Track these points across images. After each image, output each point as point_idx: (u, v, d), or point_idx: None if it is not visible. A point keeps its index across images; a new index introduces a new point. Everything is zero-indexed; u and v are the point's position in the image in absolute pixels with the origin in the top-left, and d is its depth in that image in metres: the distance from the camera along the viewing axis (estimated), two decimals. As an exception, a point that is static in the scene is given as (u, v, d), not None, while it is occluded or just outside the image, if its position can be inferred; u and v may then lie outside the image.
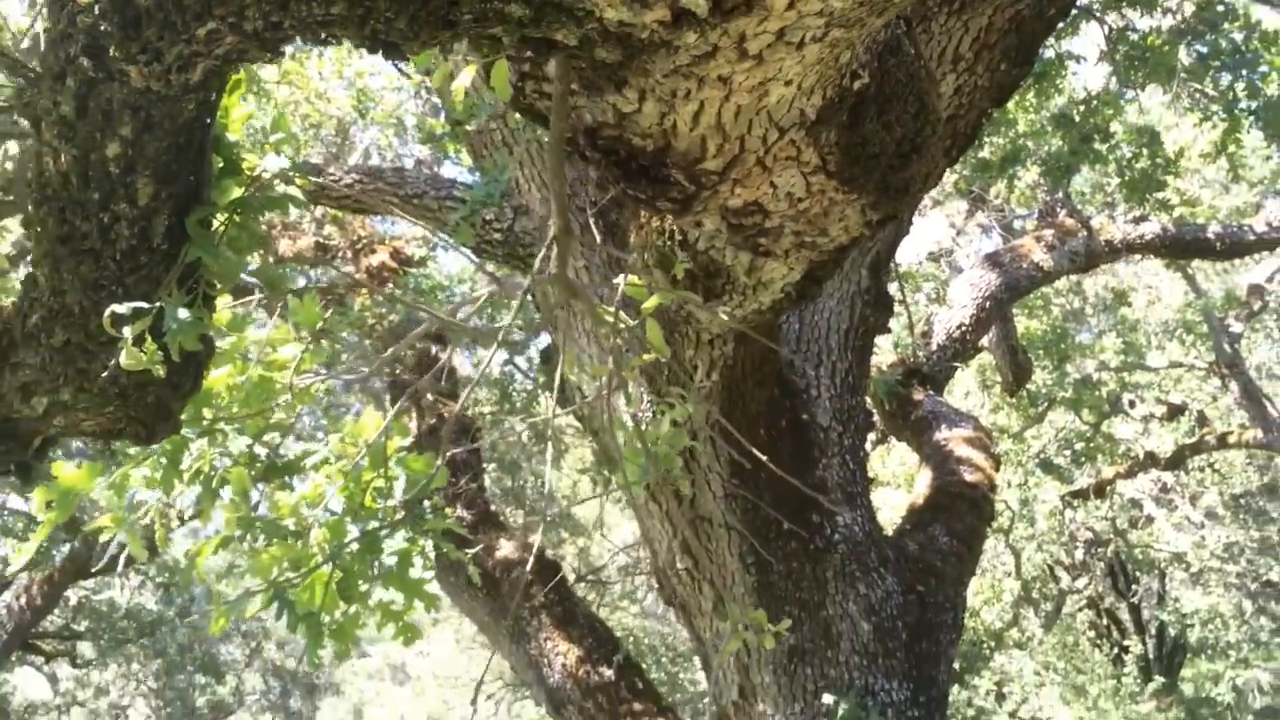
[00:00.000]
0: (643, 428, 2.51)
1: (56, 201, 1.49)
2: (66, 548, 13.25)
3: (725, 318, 3.37)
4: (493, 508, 7.42)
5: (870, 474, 6.38)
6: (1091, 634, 25.86)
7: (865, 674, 5.20)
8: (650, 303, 2.07)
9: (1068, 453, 17.64)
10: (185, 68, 1.33)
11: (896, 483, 16.62)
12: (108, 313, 1.48)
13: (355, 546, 1.87)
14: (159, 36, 1.25)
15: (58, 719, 26.34)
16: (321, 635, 1.91)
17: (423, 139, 7.43)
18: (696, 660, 22.48)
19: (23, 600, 13.32)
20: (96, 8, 1.29)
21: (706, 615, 5.38)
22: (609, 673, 6.11)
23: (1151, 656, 24.51)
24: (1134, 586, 25.73)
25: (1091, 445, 17.09)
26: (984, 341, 8.79)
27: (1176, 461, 17.44)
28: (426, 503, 2.22)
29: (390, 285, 6.87)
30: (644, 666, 7.39)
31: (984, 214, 10.97)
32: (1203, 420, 17.47)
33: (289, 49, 1.49)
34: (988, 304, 7.58)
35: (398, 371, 6.78)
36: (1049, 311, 13.37)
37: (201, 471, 1.96)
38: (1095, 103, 6.35)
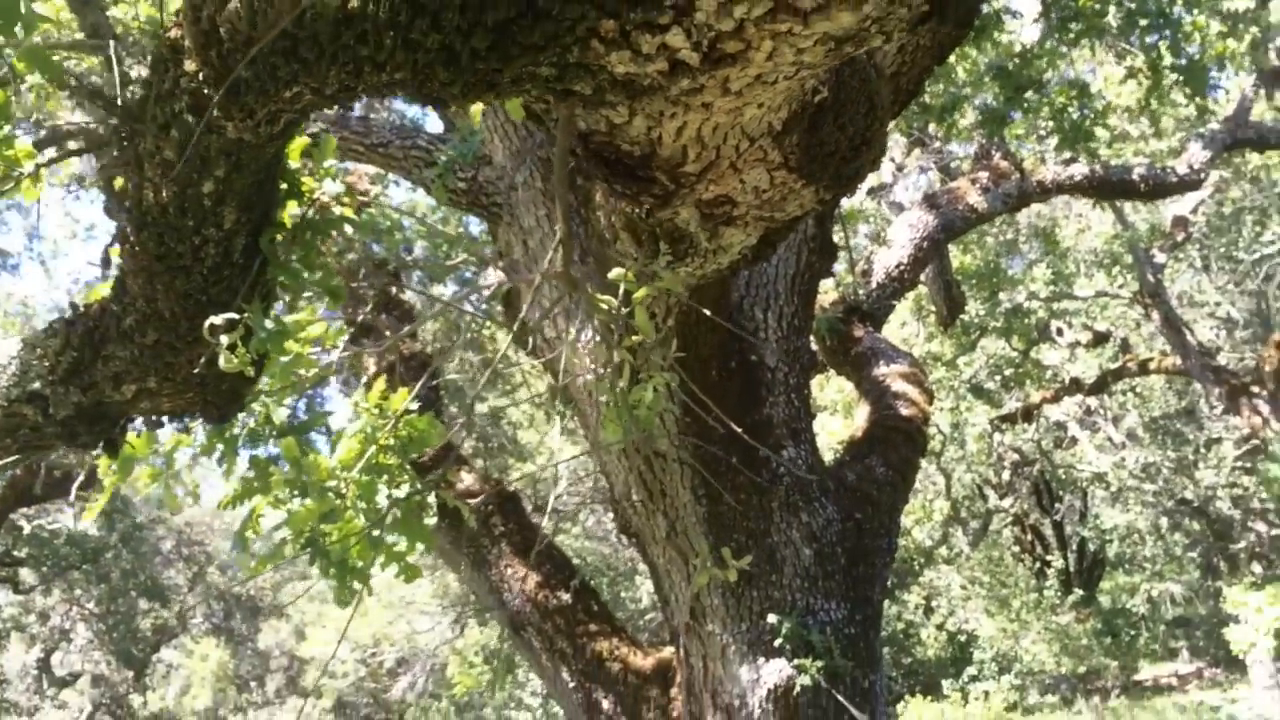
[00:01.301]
0: (610, 382, 2.79)
1: (156, 227, 1.72)
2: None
3: (687, 278, 3.64)
4: (452, 441, 7.68)
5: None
6: (1016, 549, 26.99)
7: (806, 595, 5.60)
8: (640, 293, 2.34)
9: (997, 378, 18.22)
10: (272, 121, 1.55)
11: (834, 409, 17.15)
12: (207, 324, 1.73)
13: (385, 503, 2.15)
14: (255, 100, 1.47)
15: (-1, 644, 26.34)
16: (348, 578, 2.20)
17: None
18: (637, 579, 23.12)
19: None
20: (200, 74, 1.50)
21: (660, 543, 5.73)
22: (566, 596, 6.48)
23: (1072, 570, 25.65)
24: (1057, 505, 26.83)
25: (1020, 371, 17.65)
26: (921, 275, 9.15)
27: (1100, 387, 18.15)
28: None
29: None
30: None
31: (922, 154, 11.30)
32: (1126, 347, 18.18)
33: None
34: (925, 244, 7.94)
35: (361, 312, 6.98)
36: (983, 246, 13.81)
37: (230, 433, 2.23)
38: (1030, 56, 6.66)
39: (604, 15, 1.61)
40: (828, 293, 7.83)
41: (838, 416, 16.32)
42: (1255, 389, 15.42)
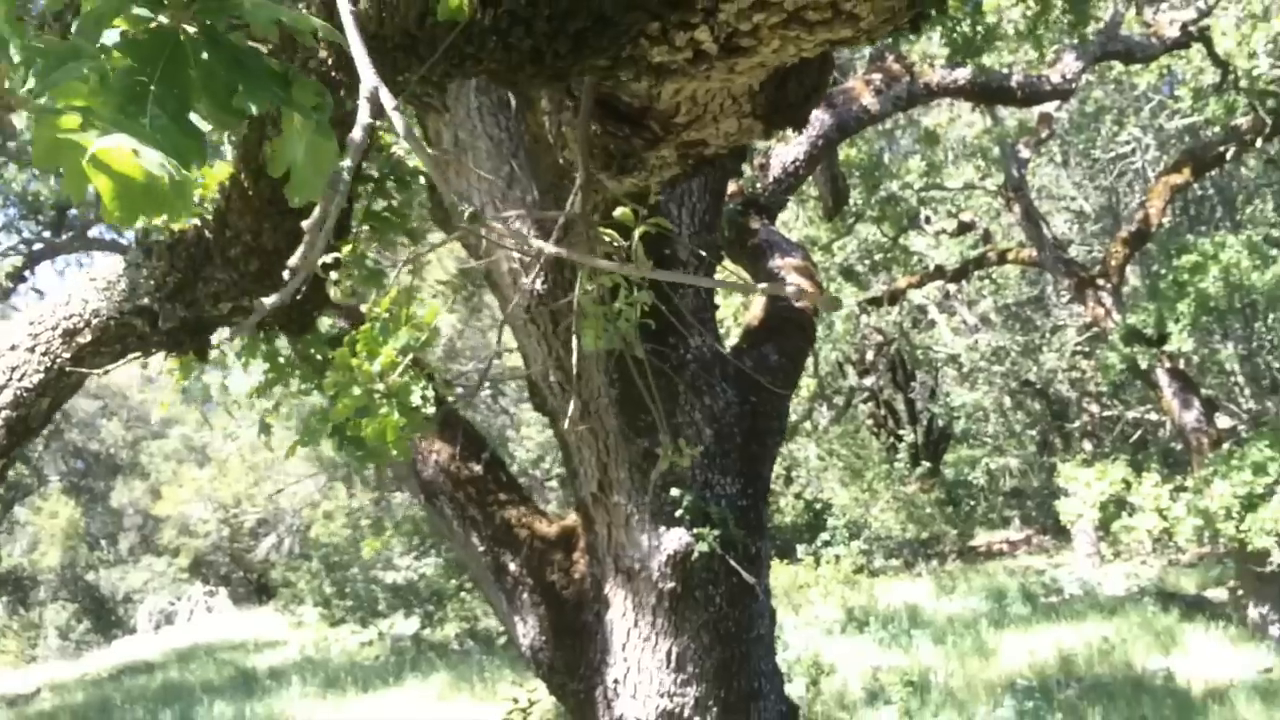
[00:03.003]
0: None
1: (269, 178, 1.96)
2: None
3: (630, 187, 3.98)
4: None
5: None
6: (871, 424, 28.48)
7: (706, 471, 6.14)
8: (639, 230, 2.69)
9: (867, 262, 18.97)
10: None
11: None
12: (319, 262, 2.01)
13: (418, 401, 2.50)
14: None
15: None
16: (368, 460, 2.55)
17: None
18: (537, 452, 23.65)
19: None
20: (329, 59, 1.76)
21: (573, 421, 6.16)
22: (478, 468, 6.88)
23: (920, 444, 27.24)
24: (912, 383, 28.33)
25: (889, 256, 18.40)
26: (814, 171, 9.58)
27: (961, 274, 19.12)
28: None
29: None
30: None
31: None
32: (987, 237, 19.12)
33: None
34: (820, 142, 8.36)
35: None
36: (867, 140, 14.34)
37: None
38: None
39: (651, 18, 1.94)
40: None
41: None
42: (1100, 282, 16.57)
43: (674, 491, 6.05)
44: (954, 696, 13.27)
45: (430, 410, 2.77)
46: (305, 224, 1.10)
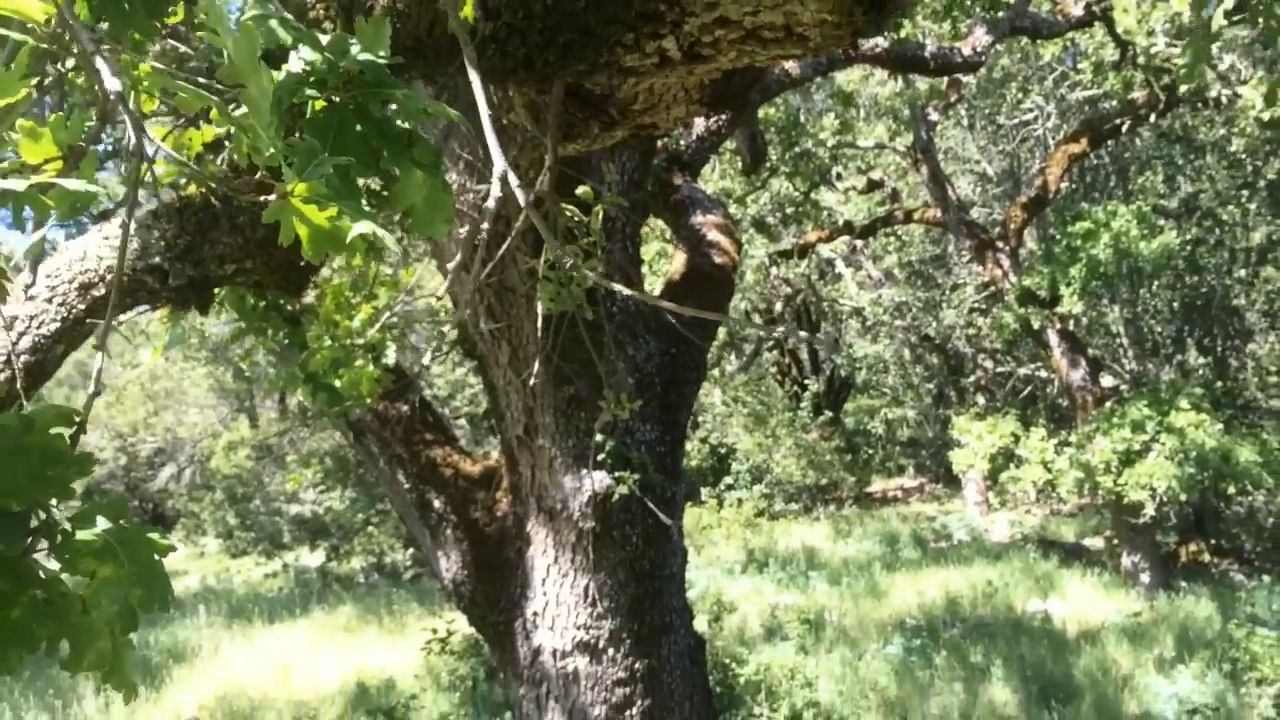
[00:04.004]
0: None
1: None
2: None
3: (574, 151, 4.25)
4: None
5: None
6: (775, 372, 29.18)
7: (628, 418, 6.46)
8: (598, 208, 2.97)
9: (779, 215, 19.37)
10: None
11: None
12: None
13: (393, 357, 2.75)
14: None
15: None
16: (337, 407, 2.81)
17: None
18: (447, 390, 23.74)
19: None
20: None
21: (501, 367, 6.42)
22: (404, 408, 7.10)
23: (822, 394, 28.01)
24: (816, 334, 29.04)
25: (800, 210, 18.79)
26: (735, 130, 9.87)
27: (869, 231, 19.66)
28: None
29: None
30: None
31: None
32: (895, 196, 19.68)
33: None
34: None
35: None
36: (785, 100, 14.66)
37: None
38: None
39: (628, 30, 2.22)
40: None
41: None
42: (999, 244, 17.26)
43: (597, 437, 6.37)
44: (847, 634, 13.97)
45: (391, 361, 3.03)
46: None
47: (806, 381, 27.57)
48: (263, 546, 24.16)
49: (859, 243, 22.76)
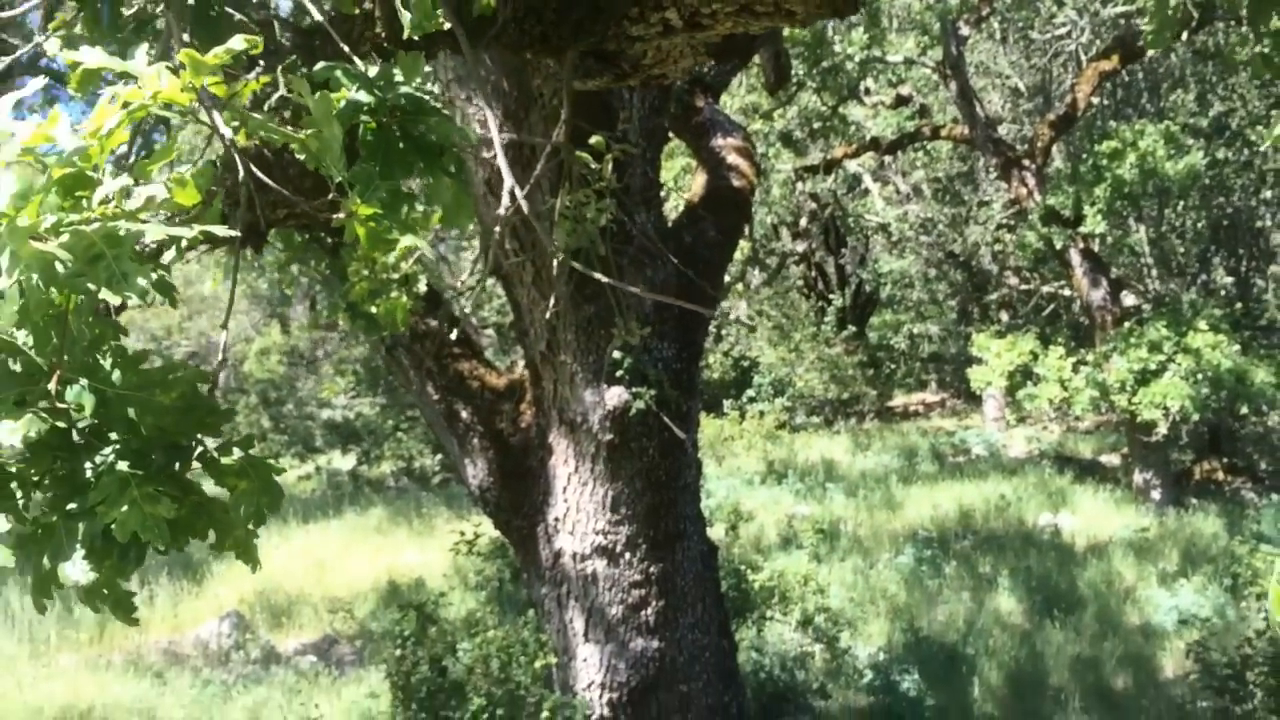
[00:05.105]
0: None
1: None
2: None
3: (592, 85, 4.49)
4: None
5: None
6: (801, 286, 29.32)
7: (645, 336, 6.76)
8: (608, 157, 3.22)
9: (806, 130, 19.35)
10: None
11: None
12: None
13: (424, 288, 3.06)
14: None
15: None
16: (374, 332, 3.12)
17: None
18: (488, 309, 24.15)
19: None
20: (383, 34, 2.25)
21: (525, 286, 6.72)
22: (434, 322, 7.43)
23: (847, 308, 28.18)
24: (843, 249, 29.12)
25: (828, 125, 18.79)
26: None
27: (896, 146, 19.65)
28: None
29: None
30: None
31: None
32: (924, 112, 19.60)
33: None
34: (765, 25, 8.76)
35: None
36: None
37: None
38: None
39: (633, 4, 2.47)
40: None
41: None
42: (1025, 162, 17.25)
43: (616, 354, 6.68)
44: (860, 544, 14.41)
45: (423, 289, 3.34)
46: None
47: (831, 296, 27.72)
48: (296, 449, 24.84)
49: (886, 158, 22.70)
